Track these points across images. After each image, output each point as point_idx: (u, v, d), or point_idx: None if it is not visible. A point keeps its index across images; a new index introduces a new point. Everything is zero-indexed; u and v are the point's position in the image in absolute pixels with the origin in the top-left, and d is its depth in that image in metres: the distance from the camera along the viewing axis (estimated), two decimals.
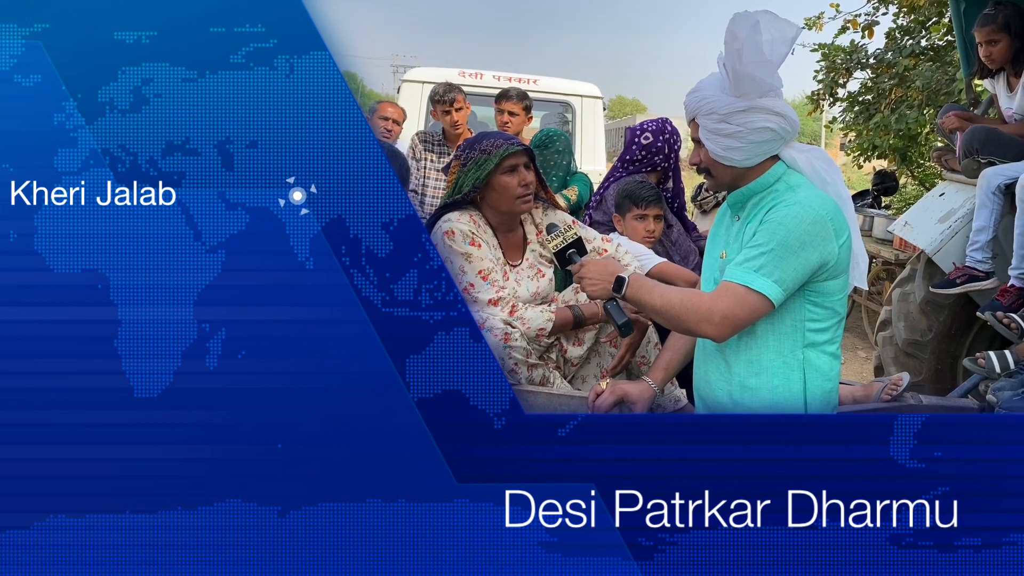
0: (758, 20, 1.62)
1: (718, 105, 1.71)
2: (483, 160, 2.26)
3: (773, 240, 1.67)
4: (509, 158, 2.25)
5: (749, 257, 1.70)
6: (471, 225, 2.27)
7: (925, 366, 3.38)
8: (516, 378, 2.15)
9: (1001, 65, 3.23)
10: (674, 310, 1.73)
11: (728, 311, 1.67)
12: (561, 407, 2.04)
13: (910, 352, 3.43)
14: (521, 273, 2.35)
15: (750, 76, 1.65)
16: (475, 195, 2.29)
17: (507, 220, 2.34)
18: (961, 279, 3.04)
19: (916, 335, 3.41)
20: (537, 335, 2.20)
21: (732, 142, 1.72)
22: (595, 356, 2.41)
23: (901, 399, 2.32)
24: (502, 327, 2.15)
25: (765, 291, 1.67)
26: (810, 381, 1.78)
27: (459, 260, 2.22)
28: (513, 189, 2.25)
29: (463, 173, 2.31)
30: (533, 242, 2.41)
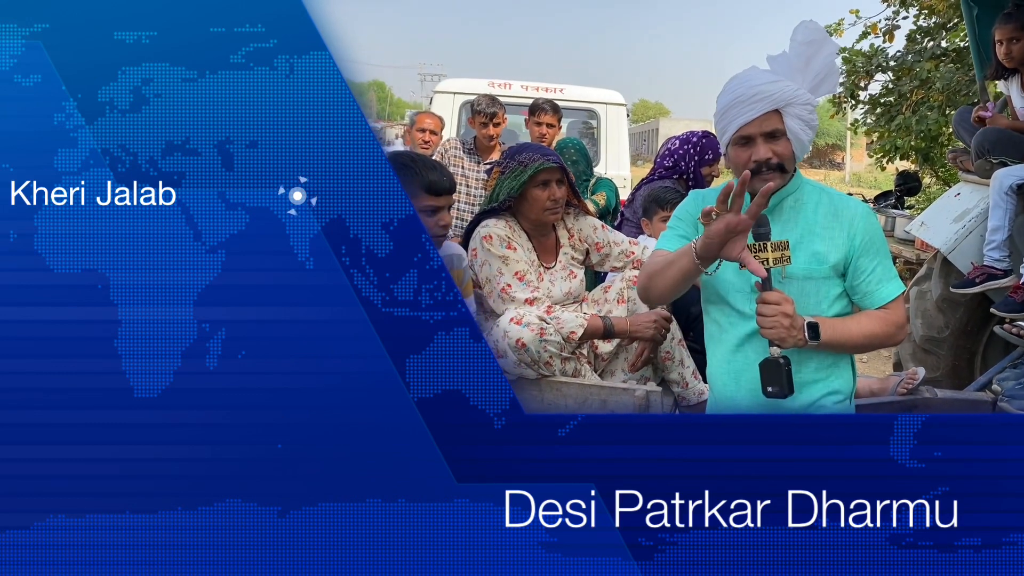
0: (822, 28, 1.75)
1: (809, 97, 1.73)
2: (519, 172, 2.43)
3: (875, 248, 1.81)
4: (542, 173, 2.42)
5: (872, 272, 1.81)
6: (507, 230, 2.45)
7: (942, 362, 3.44)
8: (550, 370, 2.28)
9: (1018, 65, 3.26)
10: (879, 336, 1.83)
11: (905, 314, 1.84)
12: (591, 397, 2.22)
13: (927, 348, 3.49)
14: (555, 274, 2.53)
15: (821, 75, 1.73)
16: (510, 203, 2.47)
17: (540, 226, 2.52)
18: (980, 278, 3.09)
19: (933, 332, 3.47)
20: (568, 337, 2.31)
21: (812, 134, 1.78)
22: (623, 352, 2.55)
23: (917, 392, 2.39)
24: (538, 322, 2.26)
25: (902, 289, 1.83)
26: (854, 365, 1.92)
27: (496, 263, 2.40)
28: (542, 202, 2.43)
29: (501, 181, 2.50)
30: (565, 245, 2.58)
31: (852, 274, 1.81)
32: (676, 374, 2.51)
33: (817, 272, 1.78)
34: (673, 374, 2.52)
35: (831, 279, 1.80)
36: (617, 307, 2.54)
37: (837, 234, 1.79)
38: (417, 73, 30.45)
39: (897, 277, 1.82)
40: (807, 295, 1.79)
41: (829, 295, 1.81)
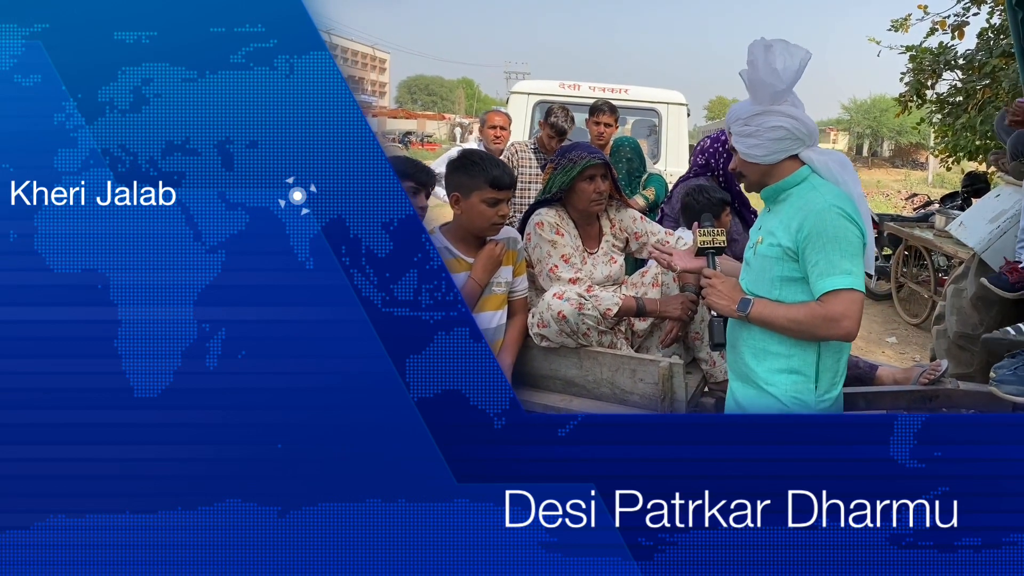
0: (772, 43, 1.94)
1: (741, 112, 2.03)
2: (569, 167, 2.74)
3: (820, 243, 1.92)
4: (589, 169, 2.72)
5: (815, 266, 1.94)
6: (556, 218, 2.77)
7: (976, 359, 3.48)
8: (588, 340, 2.53)
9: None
10: (803, 324, 1.95)
11: (844, 310, 1.90)
12: (623, 365, 2.45)
13: (961, 345, 3.56)
14: (597, 259, 2.84)
15: (763, 82, 1.95)
16: (561, 195, 2.78)
17: (585, 216, 2.82)
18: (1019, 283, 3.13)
19: (967, 329, 3.53)
20: (604, 313, 2.55)
21: (753, 140, 2.01)
22: (657, 330, 2.82)
23: (939, 383, 2.49)
24: (577, 298, 2.52)
25: (844, 285, 1.90)
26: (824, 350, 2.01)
27: (546, 246, 2.72)
28: (588, 194, 2.74)
29: (554, 176, 2.80)
30: (607, 234, 2.89)
31: (801, 264, 1.97)
32: (704, 353, 2.76)
33: (772, 252, 2.01)
34: (702, 352, 2.77)
35: (783, 260, 1.99)
36: (652, 290, 2.82)
37: (793, 223, 1.98)
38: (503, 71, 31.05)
39: (846, 275, 1.90)
40: (764, 271, 2.03)
41: (781, 275, 2.00)
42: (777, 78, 1.94)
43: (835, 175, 2.02)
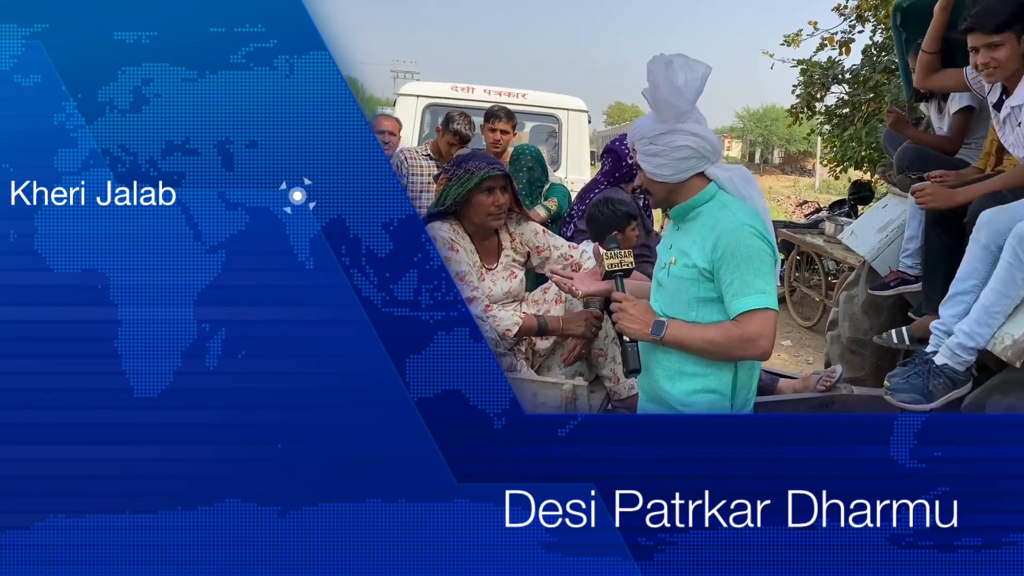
0: (672, 60, 1.93)
1: (647, 131, 2.01)
2: (466, 179, 2.60)
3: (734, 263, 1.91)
4: (488, 180, 2.59)
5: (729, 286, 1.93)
6: (451, 232, 2.62)
7: (867, 363, 3.65)
8: None
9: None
10: (719, 345, 1.93)
11: (759, 330, 1.90)
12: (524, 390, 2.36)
13: (854, 350, 3.71)
14: (496, 275, 2.72)
15: (666, 102, 1.94)
16: (455, 208, 2.64)
17: (483, 230, 2.69)
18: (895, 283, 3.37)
19: (859, 334, 3.68)
20: (503, 335, 2.50)
21: (659, 160, 1.99)
22: (560, 348, 2.74)
23: (835, 389, 2.62)
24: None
25: (759, 305, 1.89)
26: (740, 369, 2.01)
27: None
28: (486, 208, 2.61)
29: (448, 187, 2.65)
30: (507, 248, 2.76)
31: (716, 283, 1.96)
32: (608, 370, 2.70)
33: (687, 274, 1.98)
34: (605, 370, 2.71)
35: (699, 281, 1.97)
36: (555, 307, 2.72)
37: (707, 243, 1.96)
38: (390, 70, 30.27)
39: (761, 294, 1.89)
40: (679, 292, 1.99)
41: (697, 295, 1.97)
42: (680, 97, 1.94)
43: (740, 191, 2.03)
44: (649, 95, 1.97)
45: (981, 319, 2.47)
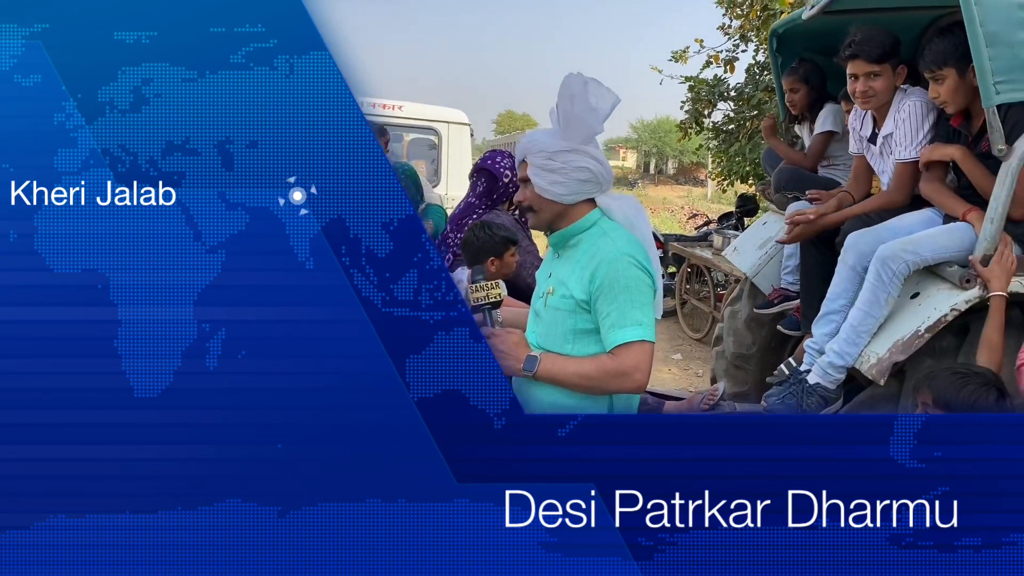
0: (588, 81, 1.90)
1: (547, 145, 1.96)
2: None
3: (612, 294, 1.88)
4: None
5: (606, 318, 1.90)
6: None
7: (751, 377, 3.74)
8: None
9: (802, 111, 3.69)
10: (593, 380, 1.91)
11: (636, 363, 1.87)
12: None
13: (738, 365, 3.79)
14: None
15: (580, 119, 1.91)
16: None
17: None
18: (777, 299, 3.51)
19: (743, 349, 3.78)
20: None
21: (557, 177, 1.95)
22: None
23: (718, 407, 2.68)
24: None
25: (636, 337, 1.87)
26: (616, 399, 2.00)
27: None
28: None
29: None
30: None
31: (593, 315, 1.92)
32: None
33: (564, 305, 1.96)
34: None
35: (576, 313, 1.94)
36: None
37: (585, 273, 1.92)
38: None
39: (638, 326, 1.86)
40: (556, 324, 1.97)
41: (574, 327, 1.95)
42: (595, 117, 1.91)
43: (631, 220, 2.01)
44: (561, 110, 1.93)
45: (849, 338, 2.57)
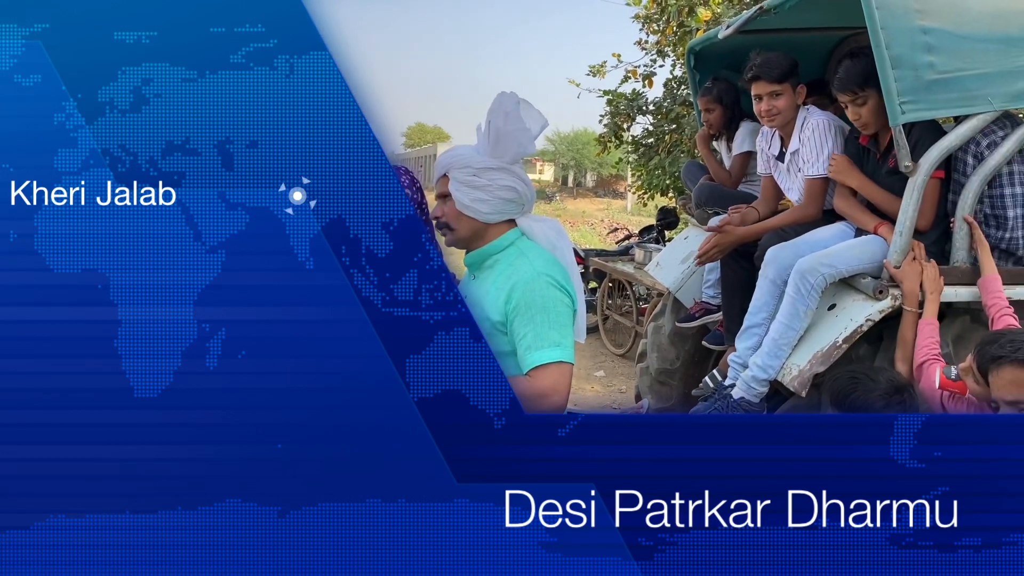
0: (520, 101, 1.88)
1: (473, 161, 1.93)
2: None
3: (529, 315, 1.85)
4: None
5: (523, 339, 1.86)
6: None
7: (675, 392, 3.76)
8: None
9: (718, 130, 3.74)
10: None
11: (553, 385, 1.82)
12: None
13: (662, 380, 3.80)
14: None
15: (512, 137, 1.88)
16: None
17: None
18: (699, 313, 3.55)
19: (667, 364, 3.79)
20: None
21: (481, 194, 1.92)
22: None
23: None
24: None
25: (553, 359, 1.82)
26: None
27: None
28: None
29: None
30: None
31: (510, 337, 1.89)
32: None
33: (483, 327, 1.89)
34: None
35: (495, 335, 1.90)
36: None
37: (501, 294, 1.90)
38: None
39: (556, 347, 1.83)
40: None
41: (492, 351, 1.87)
42: (527, 137, 1.89)
43: (552, 242, 1.99)
44: (493, 127, 1.90)
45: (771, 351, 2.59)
